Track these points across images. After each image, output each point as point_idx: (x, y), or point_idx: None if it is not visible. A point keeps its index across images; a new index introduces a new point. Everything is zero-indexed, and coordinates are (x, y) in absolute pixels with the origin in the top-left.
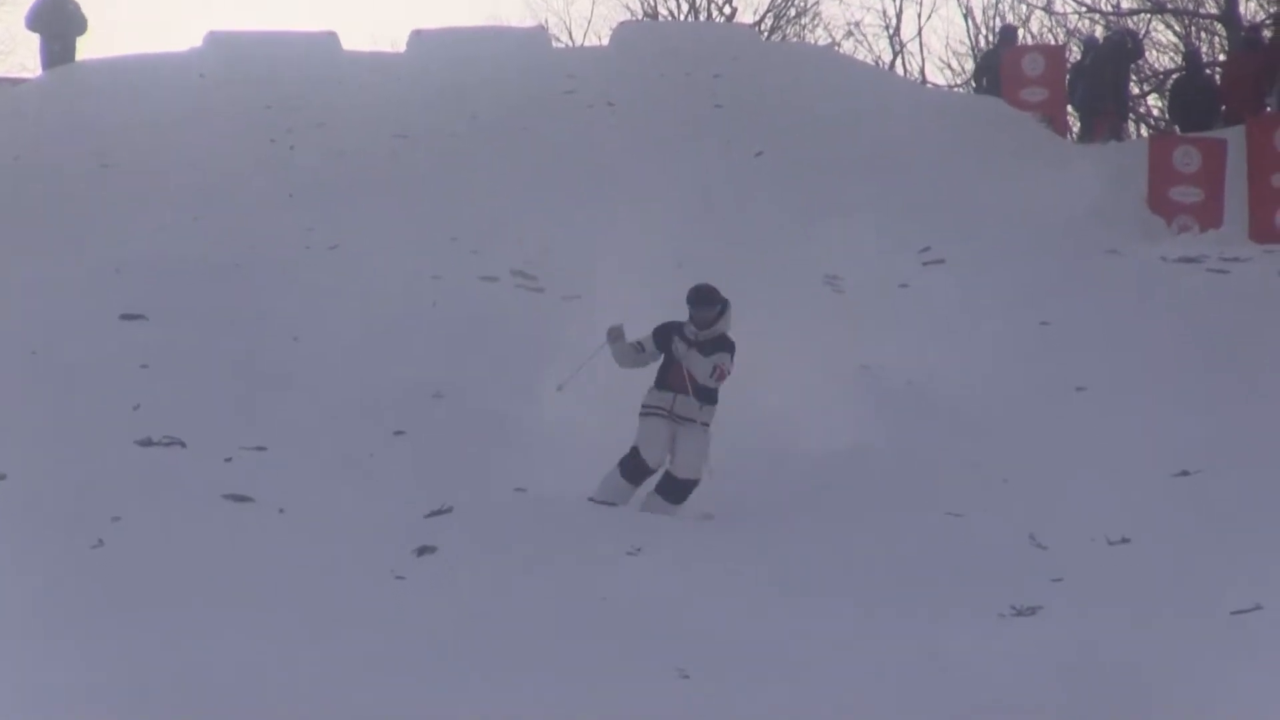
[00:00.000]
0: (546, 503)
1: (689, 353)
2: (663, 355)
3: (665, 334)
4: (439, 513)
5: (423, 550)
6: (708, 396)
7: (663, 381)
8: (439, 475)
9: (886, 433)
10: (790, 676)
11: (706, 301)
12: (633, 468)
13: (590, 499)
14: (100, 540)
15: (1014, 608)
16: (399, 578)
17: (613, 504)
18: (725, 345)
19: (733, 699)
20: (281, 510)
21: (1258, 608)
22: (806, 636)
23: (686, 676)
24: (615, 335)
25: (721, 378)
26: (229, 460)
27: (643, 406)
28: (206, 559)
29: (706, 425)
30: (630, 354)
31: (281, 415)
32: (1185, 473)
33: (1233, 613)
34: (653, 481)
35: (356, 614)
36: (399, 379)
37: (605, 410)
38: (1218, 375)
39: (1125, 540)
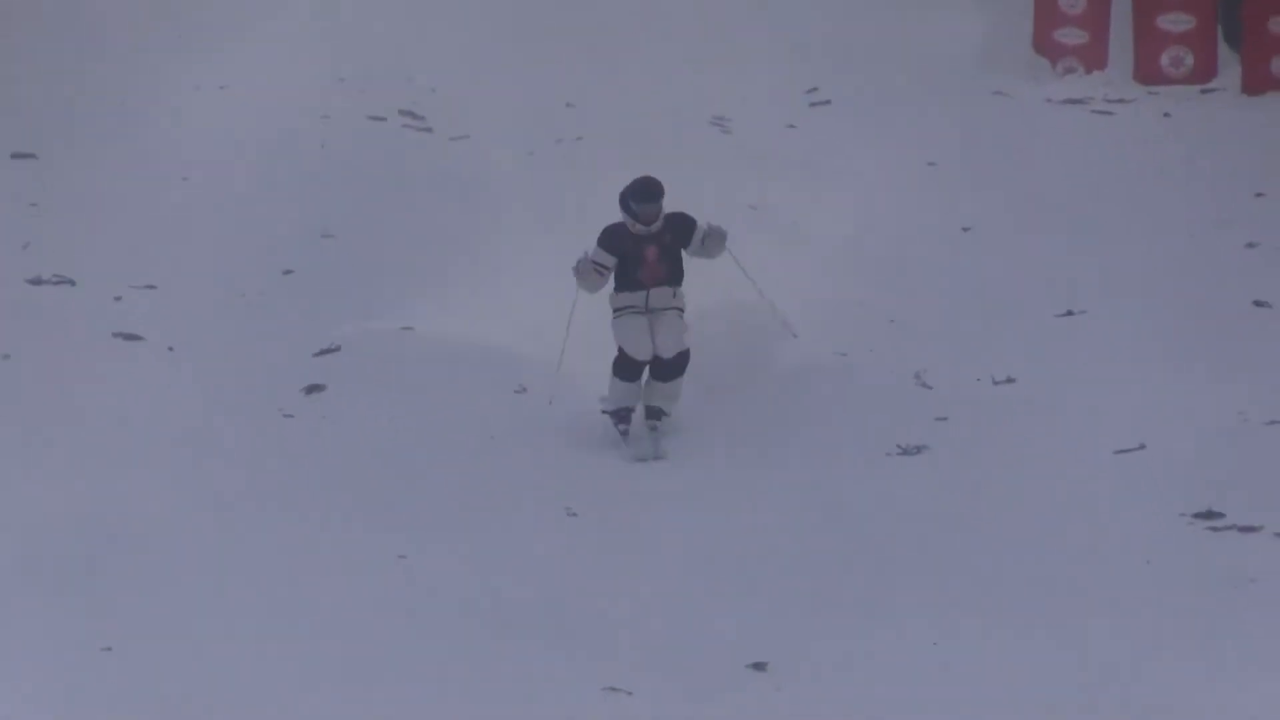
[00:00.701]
0: (433, 341)
1: (712, 242)
2: (616, 260)
3: (615, 240)
4: (327, 351)
5: (311, 389)
6: (678, 277)
7: (630, 281)
8: (327, 314)
9: (773, 273)
10: (688, 516)
11: (654, 196)
12: (625, 367)
13: (604, 411)
14: None
15: (900, 447)
16: (287, 415)
17: (629, 408)
18: (689, 219)
19: (618, 535)
20: (171, 349)
21: (1141, 447)
22: (701, 480)
23: (574, 514)
24: (583, 270)
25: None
26: (119, 299)
27: (615, 310)
28: (96, 396)
29: (681, 311)
30: (600, 279)
31: (171, 255)
32: (1070, 313)
33: (1116, 451)
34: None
35: (245, 452)
36: (288, 219)
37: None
38: (1102, 216)
39: (1010, 380)
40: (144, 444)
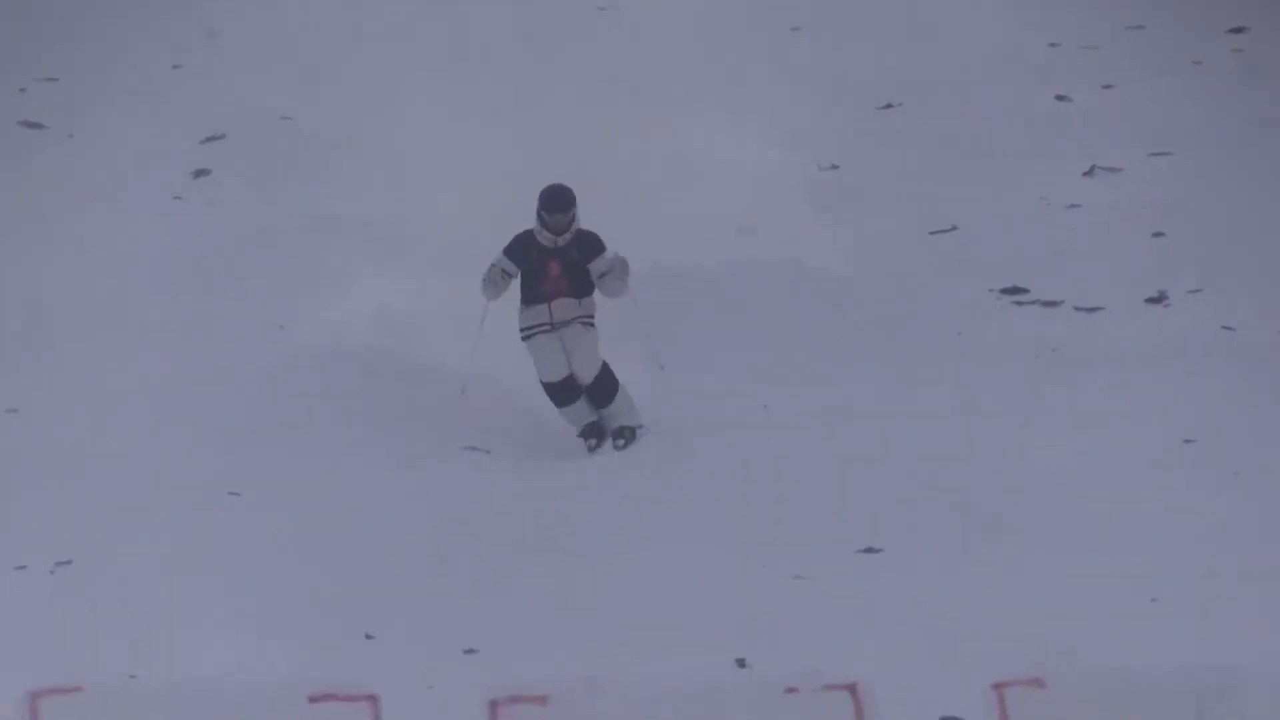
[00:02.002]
0: (315, 130)
1: (612, 279)
2: (520, 270)
3: (520, 247)
4: (212, 139)
5: (198, 173)
6: (585, 290)
7: (533, 295)
8: (214, 105)
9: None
10: None
11: (563, 206)
12: (556, 393)
13: (579, 437)
14: None
15: (739, 228)
16: (177, 198)
17: (593, 422)
18: (597, 242)
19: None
20: (71, 135)
21: (953, 228)
22: None
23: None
24: (489, 277)
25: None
26: (23, 90)
27: (522, 331)
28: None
29: (590, 320)
30: (502, 284)
31: (72, 47)
32: (890, 105)
33: (931, 232)
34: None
35: (139, 232)
36: (178, 15)
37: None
38: (918, 9)
39: (834, 167)
40: (41, 222)
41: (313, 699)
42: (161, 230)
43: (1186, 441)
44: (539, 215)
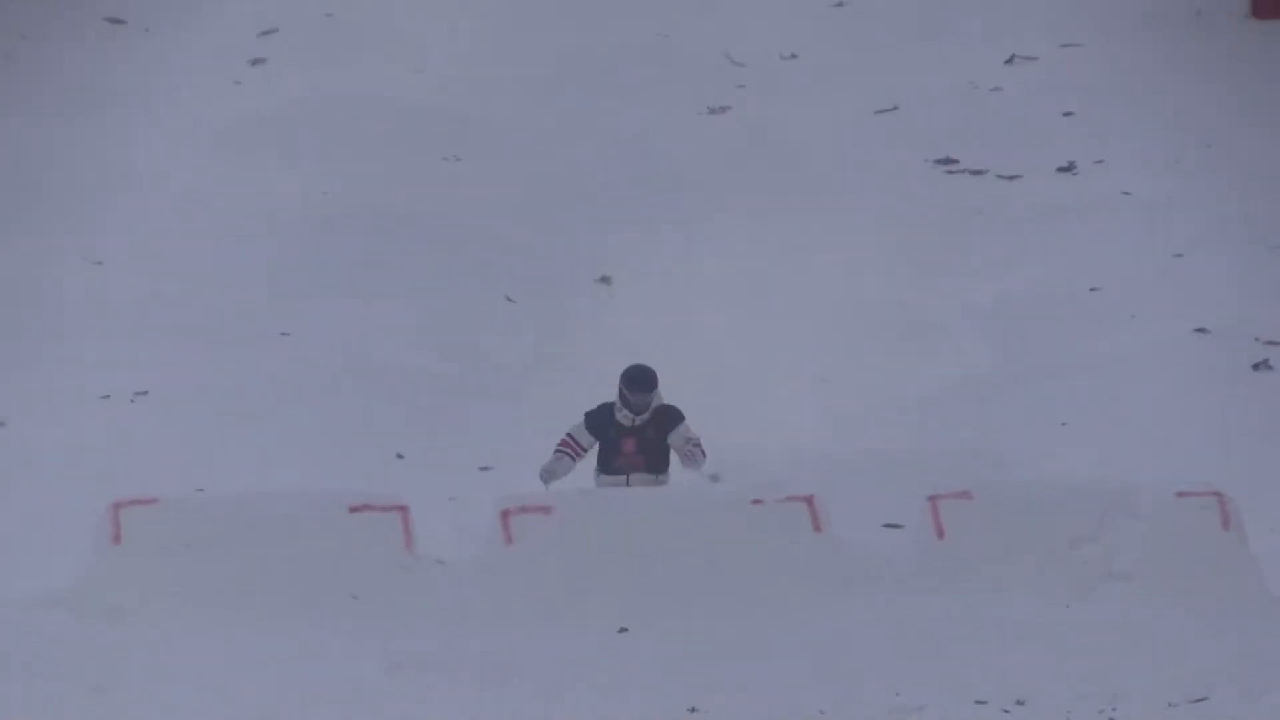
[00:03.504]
0: (352, 23)
1: (689, 457)
2: (599, 442)
3: (599, 423)
4: (268, 33)
5: (255, 61)
6: (661, 465)
7: (609, 468)
8: (269, 4)
9: None
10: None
11: (647, 386)
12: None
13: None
14: None
15: (710, 108)
16: (237, 82)
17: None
18: (676, 415)
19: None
20: (147, 30)
21: (895, 108)
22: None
23: None
24: (548, 475)
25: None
26: None
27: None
28: None
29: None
30: (567, 465)
31: None
32: (840, 4)
33: (876, 111)
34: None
35: (205, 111)
36: None
37: None
38: None
39: (794, 56)
40: None
41: (352, 509)
42: (224, 108)
43: (1092, 290)
44: (620, 393)
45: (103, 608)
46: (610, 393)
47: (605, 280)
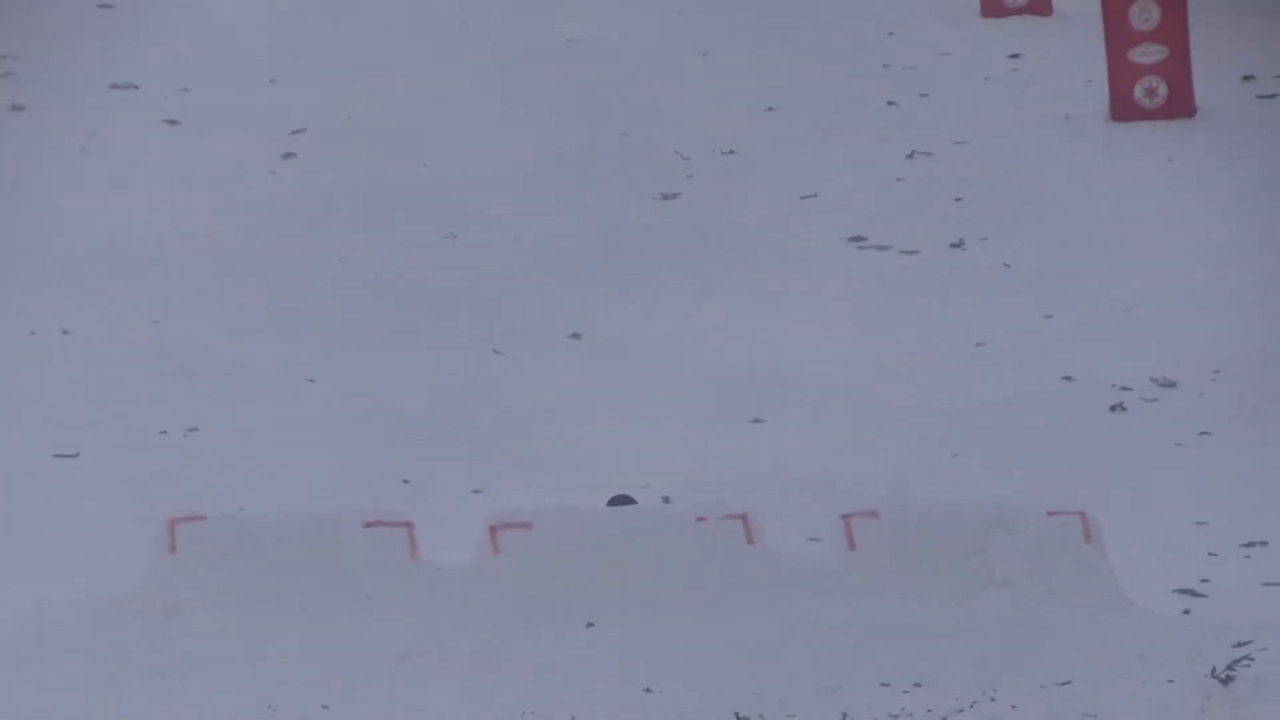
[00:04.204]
0: (369, 127)
1: None
2: None
3: None
4: (297, 132)
5: (287, 155)
6: None
7: None
8: (299, 108)
9: None
10: None
11: None
12: None
13: None
14: None
15: (663, 194)
16: (271, 173)
17: None
18: None
19: None
20: (200, 130)
21: (815, 195)
22: None
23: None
24: None
25: None
26: (166, 98)
27: None
28: None
29: None
30: None
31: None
32: (771, 109)
33: (801, 197)
34: None
35: (245, 195)
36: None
37: None
38: (797, 27)
39: (732, 151)
40: None
41: (366, 524)
42: (262, 193)
43: (977, 345)
44: None
45: (161, 606)
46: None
47: (576, 336)
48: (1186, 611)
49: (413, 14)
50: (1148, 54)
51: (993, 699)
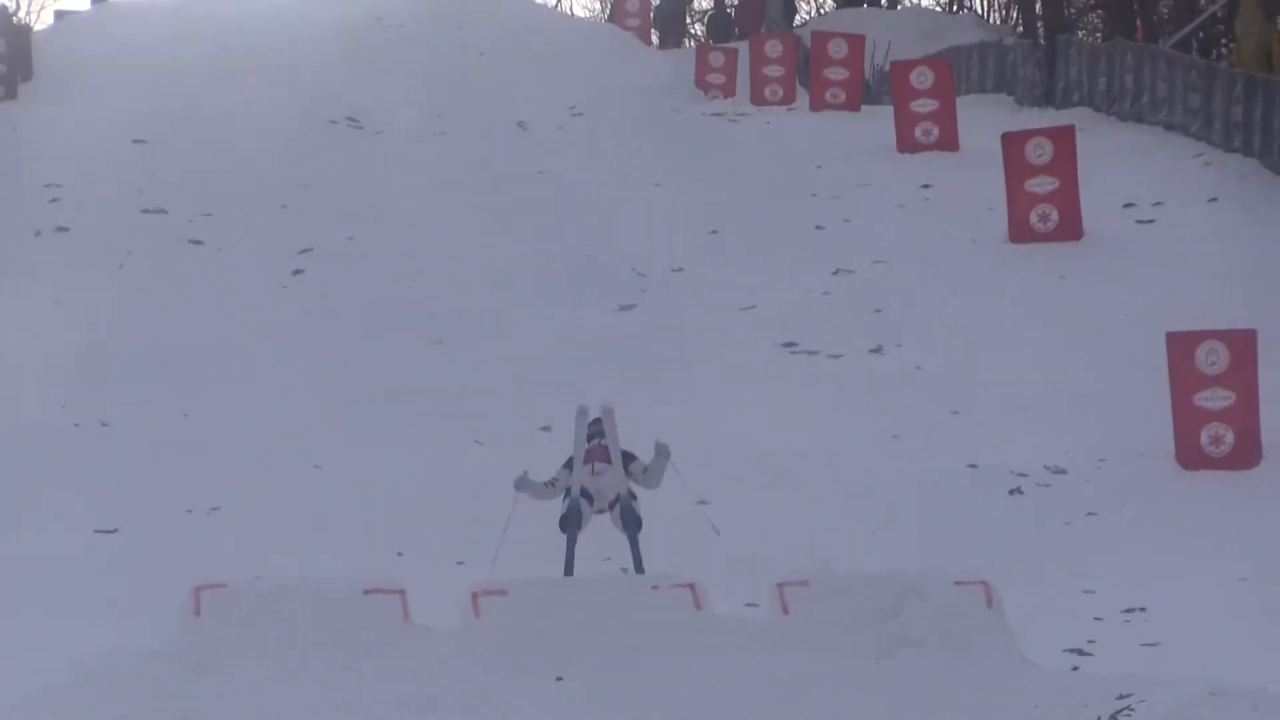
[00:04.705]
0: (368, 247)
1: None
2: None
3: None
4: (305, 251)
5: (296, 271)
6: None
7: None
8: (307, 230)
9: None
10: None
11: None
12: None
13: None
14: None
15: (621, 305)
16: (284, 286)
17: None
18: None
19: None
20: (220, 249)
21: (753, 306)
22: None
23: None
24: (521, 484)
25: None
26: (190, 221)
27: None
28: None
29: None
30: (545, 491)
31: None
32: (714, 231)
33: (740, 309)
34: None
35: (261, 304)
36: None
37: None
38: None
39: (681, 269)
40: None
41: (366, 591)
42: (276, 305)
43: (894, 436)
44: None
45: (188, 663)
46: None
47: (546, 429)
48: (1075, 668)
49: (404, 150)
50: (1041, 185)
51: None
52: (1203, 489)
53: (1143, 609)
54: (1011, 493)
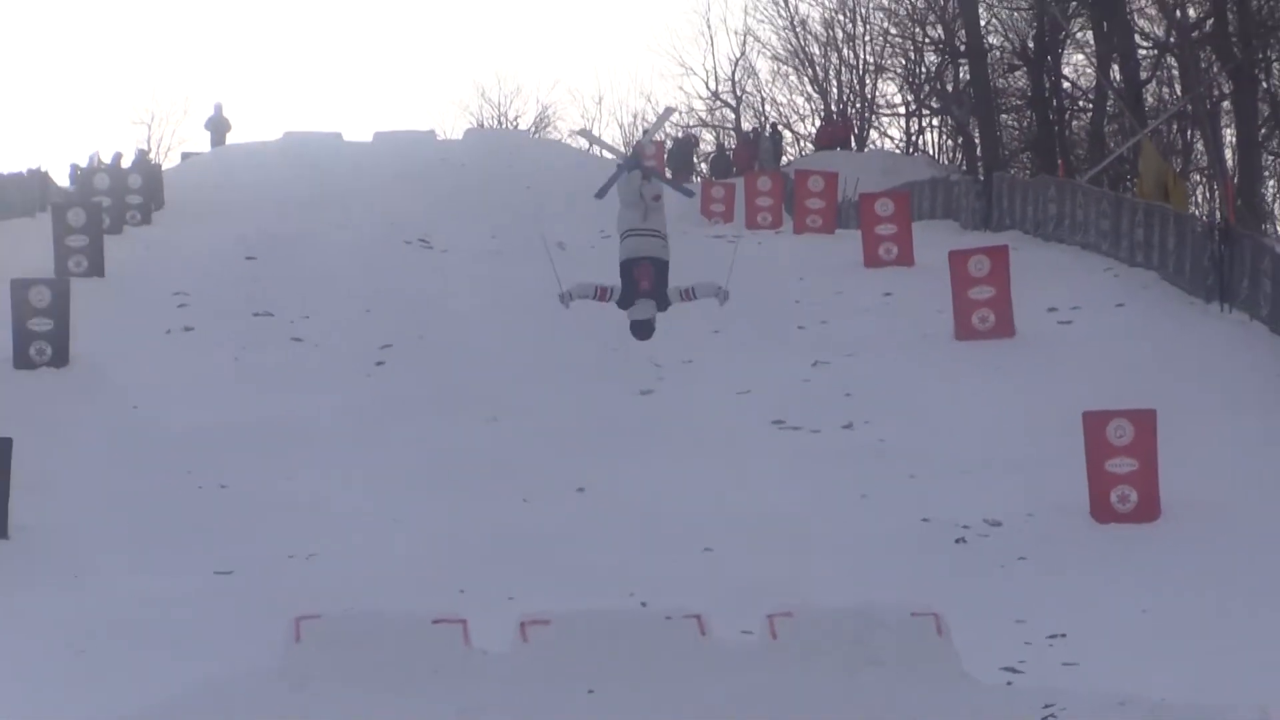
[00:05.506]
0: None
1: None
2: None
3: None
4: None
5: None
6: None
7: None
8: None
9: None
10: None
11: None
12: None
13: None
14: None
15: (641, 391)
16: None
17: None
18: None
19: None
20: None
21: (749, 391)
22: None
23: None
24: (573, 295)
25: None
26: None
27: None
28: None
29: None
30: (586, 290)
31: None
32: (717, 331)
33: (737, 393)
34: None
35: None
36: None
37: None
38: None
39: (690, 360)
40: None
41: (434, 621)
42: (360, 392)
43: (862, 496)
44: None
45: (290, 680)
46: None
47: (581, 490)
48: (1009, 683)
49: (465, 266)
50: (981, 292)
51: None
52: (1112, 538)
53: (1064, 635)
54: (957, 541)
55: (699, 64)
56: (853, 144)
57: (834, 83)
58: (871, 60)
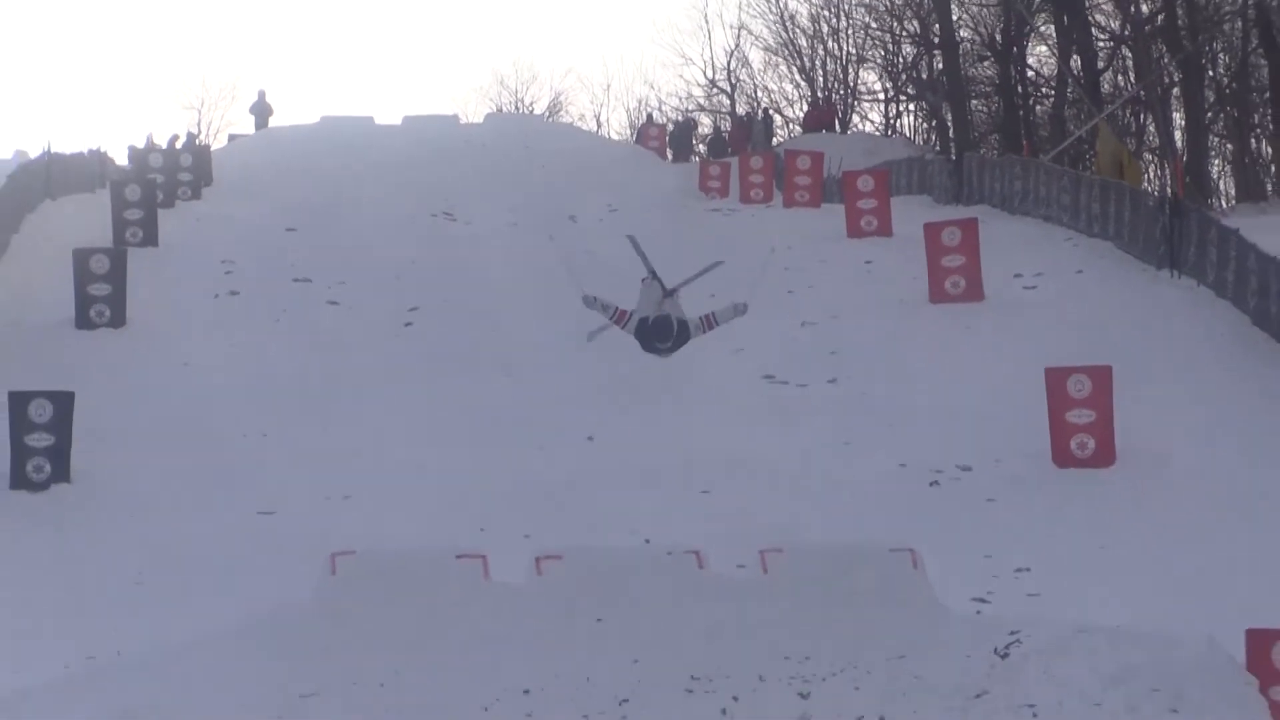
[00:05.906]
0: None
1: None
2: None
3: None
4: None
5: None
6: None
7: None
8: None
9: None
10: None
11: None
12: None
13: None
14: None
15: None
16: None
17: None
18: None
19: None
20: None
21: (741, 349)
22: None
23: None
24: (593, 302)
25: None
26: None
27: None
28: None
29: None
30: (605, 313)
31: None
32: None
33: (735, 350)
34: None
35: None
36: None
37: None
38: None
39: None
40: None
41: (457, 556)
42: (391, 350)
43: (845, 443)
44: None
45: (326, 611)
46: None
47: (591, 438)
48: (978, 612)
49: (485, 236)
50: (953, 260)
51: (854, 666)
52: (1072, 481)
53: (1028, 569)
54: (931, 484)
55: (697, 55)
56: (837, 127)
57: (820, 72)
58: (854, 51)
